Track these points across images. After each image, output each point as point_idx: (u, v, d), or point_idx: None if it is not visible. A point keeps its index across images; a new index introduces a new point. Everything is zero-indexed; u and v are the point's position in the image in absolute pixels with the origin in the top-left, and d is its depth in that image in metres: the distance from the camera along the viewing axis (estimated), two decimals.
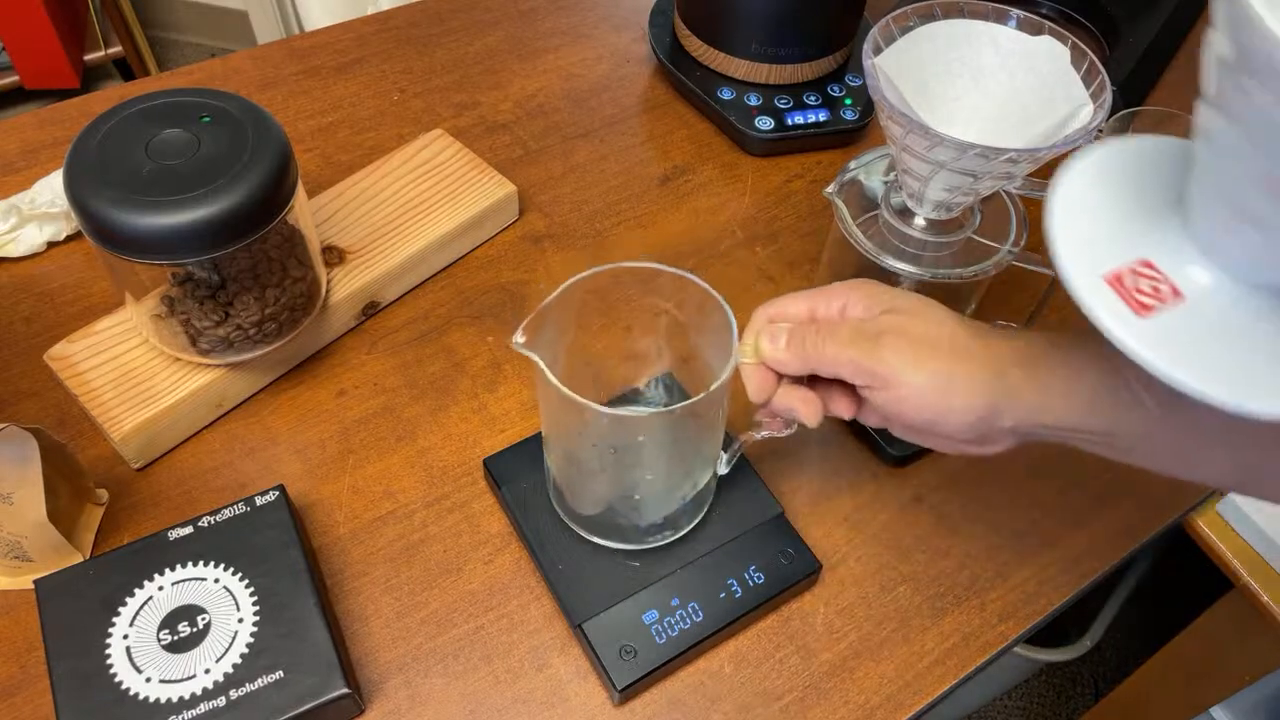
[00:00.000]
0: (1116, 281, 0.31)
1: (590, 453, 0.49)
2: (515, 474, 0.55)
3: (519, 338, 0.43)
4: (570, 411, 0.43)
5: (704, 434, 0.48)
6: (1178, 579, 1.08)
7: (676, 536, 0.52)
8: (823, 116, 0.77)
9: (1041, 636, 1.07)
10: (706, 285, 0.45)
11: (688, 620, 0.50)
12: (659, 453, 0.48)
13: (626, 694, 0.49)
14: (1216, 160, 0.29)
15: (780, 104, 0.77)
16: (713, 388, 0.43)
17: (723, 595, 0.51)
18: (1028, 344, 0.40)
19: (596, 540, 0.52)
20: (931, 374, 0.40)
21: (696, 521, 0.53)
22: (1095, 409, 0.39)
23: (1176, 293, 0.31)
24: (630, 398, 0.56)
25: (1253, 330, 0.30)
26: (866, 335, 0.41)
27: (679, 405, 0.42)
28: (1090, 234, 0.32)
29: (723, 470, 0.53)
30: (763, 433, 0.52)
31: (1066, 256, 0.32)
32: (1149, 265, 0.31)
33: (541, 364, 0.42)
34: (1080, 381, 0.39)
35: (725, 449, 0.52)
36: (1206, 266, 0.31)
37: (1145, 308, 0.30)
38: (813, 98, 0.78)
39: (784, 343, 0.43)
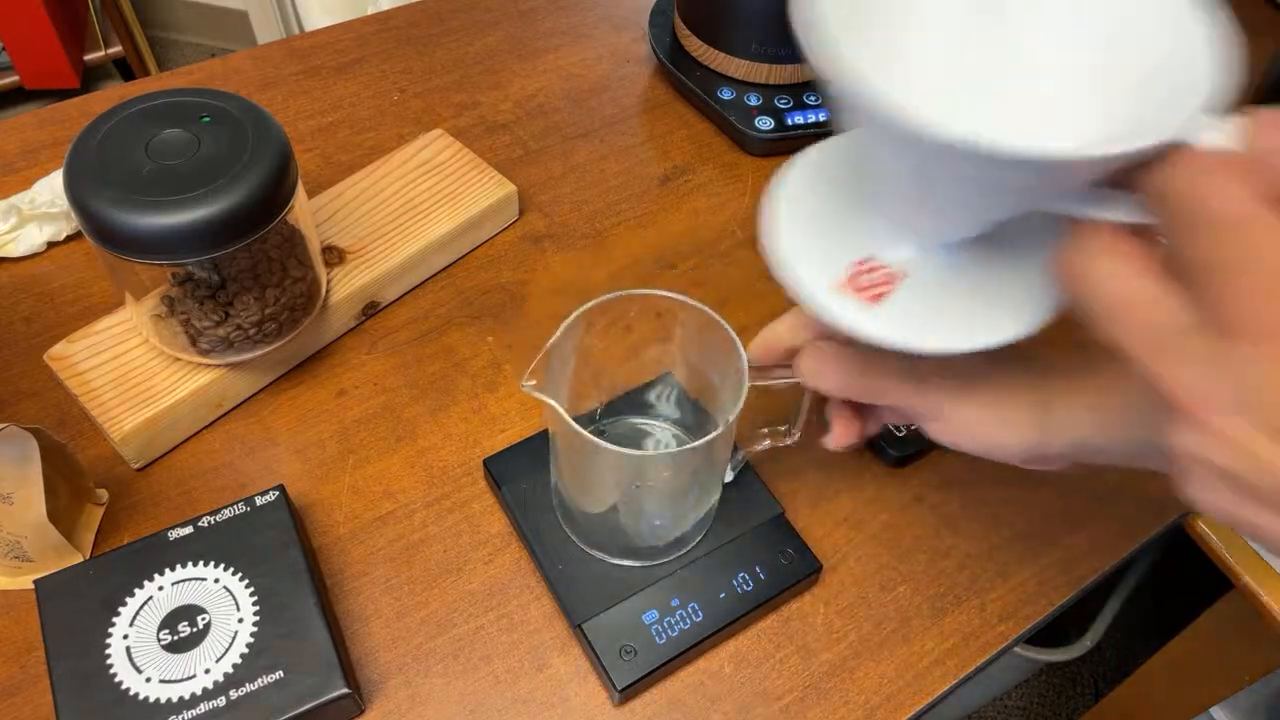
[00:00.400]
0: (846, 285, 0.34)
1: (608, 486, 0.49)
2: (515, 474, 0.55)
3: (529, 381, 0.43)
4: (587, 449, 0.43)
5: (716, 456, 0.48)
6: (1178, 579, 1.08)
7: (683, 551, 0.52)
8: (823, 116, 0.77)
9: (1041, 636, 1.07)
10: (721, 319, 0.45)
11: (688, 620, 0.50)
12: (673, 481, 0.48)
13: (626, 694, 0.49)
14: (870, 154, 0.32)
15: (780, 104, 0.77)
16: (730, 419, 0.43)
17: (723, 595, 0.51)
18: (1071, 372, 0.40)
19: (611, 560, 0.52)
20: (978, 409, 0.40)
21: (703, 535, 0.53)
22: (1145, 429, 0.37)
23: (896, 275, 0.34)
24: (633, 400, 0.56)
25: (964, 282, 0.34)
26: (916, 374, 0.41)
27: (698, 443, 0.42)
28: (810, 250, 0.34)
29: (728, 479, 0.53)
30: (765, 443, 0.52)
31: (796, 278, 0.34)
32: (867, 259, 0.34)
33: (557, 407, 0.42)
34: (1122, 407, 0.38)
35: (730, 459, 0.52)
36: (910, 244, 0.34)
37: (877, 297, 0.33)
38: (813, 97, 0.78)
39: (830, 368, 0.42)
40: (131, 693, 0.45)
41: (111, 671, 0.45)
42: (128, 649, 0.46)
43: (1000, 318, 0.33)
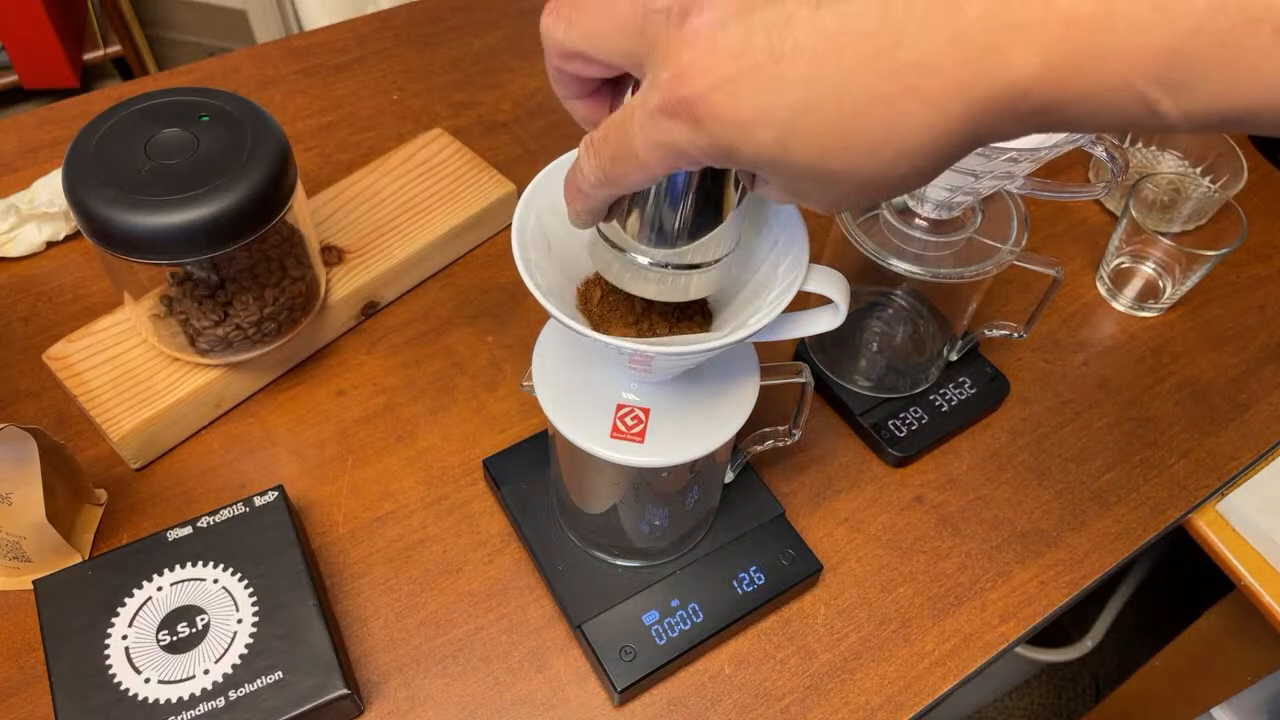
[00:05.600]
0: (616, 432, 0.41)
1: (608, 487, 0.49)
2: (515, 474, 0.55)
3: (528, 381, 0.44)
4: (586, 451, 0.43)
5: (716, 458, 0.48)
6: (1178, 579, 1.08)
7: (684, 551, 0.52)
8: None
9: (1042, 636, 1.07)
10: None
11: (688, 621, 0.50)
12: (673, 483, 0.48)
13: (626, 695, 0.49)
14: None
15: None
16: (733, 431, 0.43)
17: (723, 596, 0.51)
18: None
19: (611, 560, 0.52)
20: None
21: (703, 535, 0.53)
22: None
23: (645, 411, 0.42)
24: None
25: (693, 404, 0.43)
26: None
27: (699, 456, 0.42)
28: (578, 418, 0.42)
29: (728, 479, 0.53)
30: (767, 443, 0.52)
31: (577, 437, 0.41)
32: (620, 406, 0.42)
33: (554, 412, 0.42)
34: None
35: (730, 459, 0.52)
36: (643, 384, 0.42)
37: (639, 435, 0.41)
38: None
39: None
40: (130, 693, 0.44)
41: (110, 672, 0.45)
42: (127, 649, 0.46)
43: (722, 423, 0.42)
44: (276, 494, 0.51)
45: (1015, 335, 0.61)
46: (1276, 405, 0.65)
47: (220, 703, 0.44)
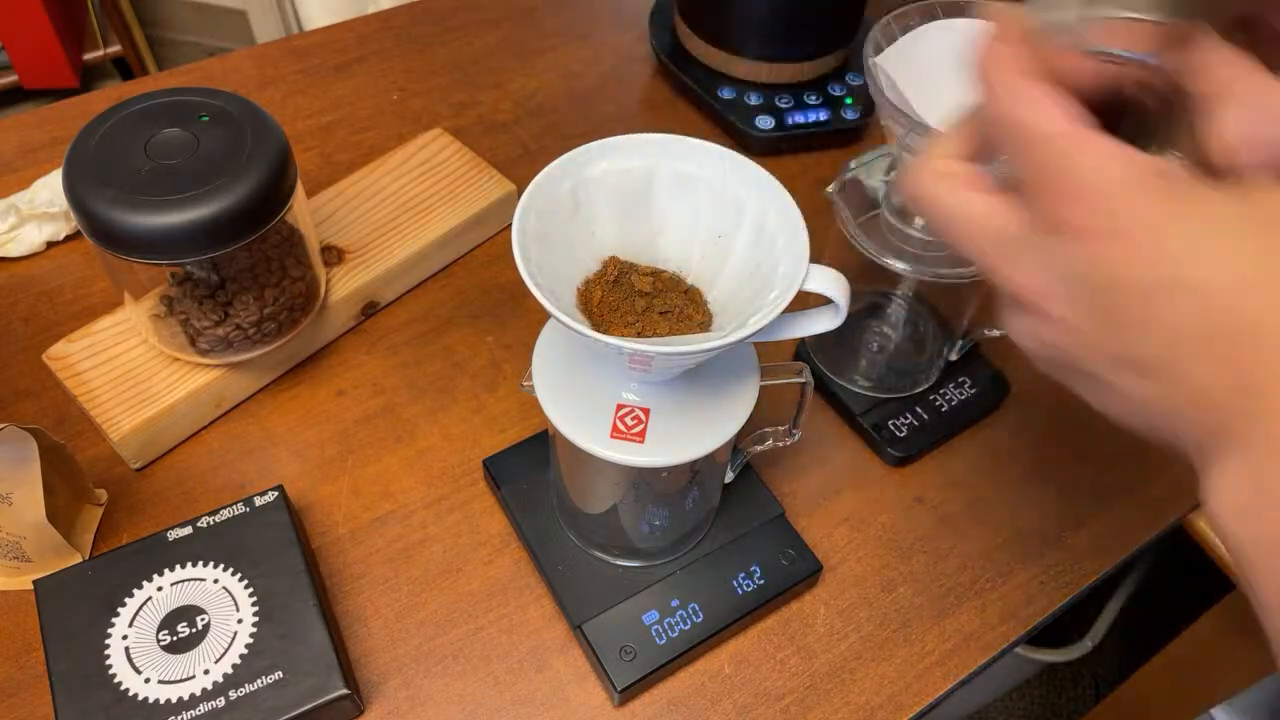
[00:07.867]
0: (616, 432, 0.41)
1: (608, 487, 0.49)
2: (515, 474, 0.55)
3: (528, 381, 0.44)
4: (586, 451, 0.43)
5: (716, 458, 0.48)
6: (1178, 580, 1.08)
7: (684, 551, 0.52)
8: (823, 116, 0.77)
9: (1042, 636, 1.07)
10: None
11: (688, 621, 0.50)
12: (674, 483, 0.48)
13: (626, 695, 0.49)
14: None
15: (781, 103, 0.77)
16: (733, 433, 0.43)
17: (723, 596, 0.51)
18: None
19: (611, 560, 0.52)
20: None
21: (703, 535, 0.53)
22: None
23: (645, 411, 0.42)
24: None
25: (692, 404, 0.43)
26: None
27: (699, 456, 0.42)
28: (579, 417, 0.42)
29: (728, 479, 0.53)
30: (767, 443, 0.52)
31: (577, 437, 0.41)
32: (620, 406, 0.42)
33: (552, 410, 0.43)
34: None
35: (730, 459, 0.52)
36: (643, 384, 0.42)
37: (639, 435, 0.41)
38: (813, 97, 0.78)
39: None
40: (131, 693, 0.44)
41: (111, 672, 0.45)
42: (127, 649, 0.46)
43: (722, 424, 0.42)
44: (276, 494, 0.51)
45: None
46: None
47: (220, 703, 0.44)
